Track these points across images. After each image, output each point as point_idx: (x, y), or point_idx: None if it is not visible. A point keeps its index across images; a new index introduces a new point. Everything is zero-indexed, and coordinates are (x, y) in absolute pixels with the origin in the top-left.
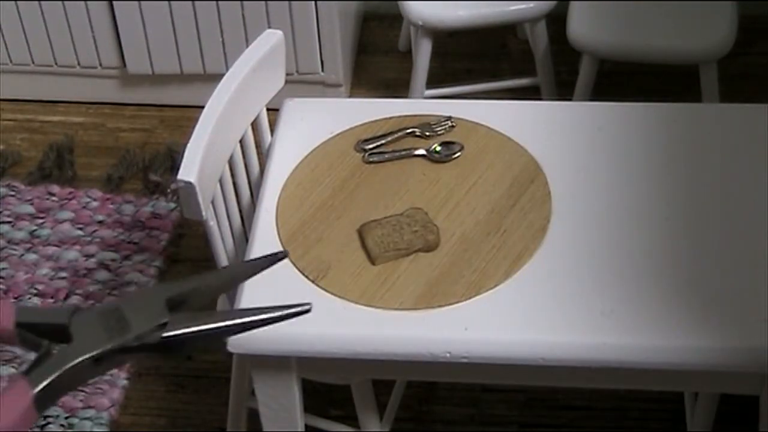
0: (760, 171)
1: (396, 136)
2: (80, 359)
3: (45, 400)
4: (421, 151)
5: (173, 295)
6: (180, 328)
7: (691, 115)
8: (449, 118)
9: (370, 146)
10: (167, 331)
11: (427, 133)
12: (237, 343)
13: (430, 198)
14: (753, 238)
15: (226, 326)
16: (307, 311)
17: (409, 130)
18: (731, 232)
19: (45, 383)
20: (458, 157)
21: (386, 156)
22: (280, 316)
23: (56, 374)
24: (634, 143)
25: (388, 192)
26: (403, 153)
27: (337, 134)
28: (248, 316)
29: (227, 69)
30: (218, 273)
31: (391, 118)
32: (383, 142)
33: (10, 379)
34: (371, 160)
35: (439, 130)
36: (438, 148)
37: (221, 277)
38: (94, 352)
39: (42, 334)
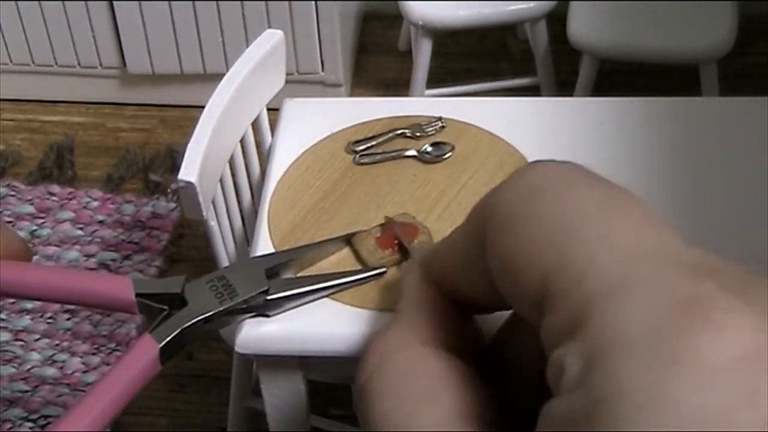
0: (761, 165)
1: (387, 137)
2: (196, 319)
3: (167, 354)
4: (412, 152)
5: (269, 266)
6: (280, 292)
7: (692, 110)
8: (440, 118)
9: (361, 148)
10: (269, 295)
11: (418, 134)
12: (243, 343)
13: (421, 199)
14: (754, 233)
15: (318, 288)
16: (383, 273)
17: (399, 131)
18: (732, 227)
19: (168, 339)
20: (449, 157)
21: (377, 157)
22: (361, 278)
23: (177, 331)
24: (632, 139)
25: (379, 193)
26: (394, 154)
27: (328, 136)
28: (335, 279)
29: (227, 69)
30: (305, 249)
31: (382, 119)
32: (374, 143)
33: (138, 337)
34: (362, 161)
35: (430, 131)
36: (429, 149)
37: (307, 253)
38: (208, 314)
39: (160, 301)
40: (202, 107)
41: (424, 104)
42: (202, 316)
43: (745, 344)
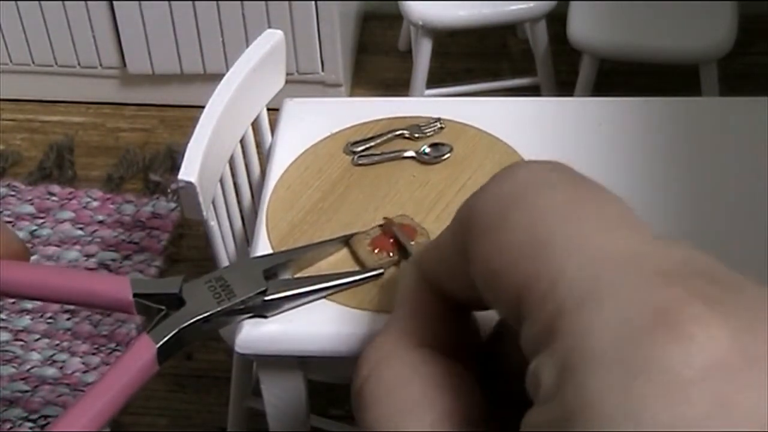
0: (761, 165)
1: (385, 138)
2: (194, 319)
3: (164, 354)
4: (411, 153)
5: (267, 267)
6: (278, 293)
7: (692, 110)
8: (438, 119)
9: (360, 148)
10: (267, 296)
11: (416, 135)
12: (243, 343)
13: (420, 200)
14: (754, 233)
15: (316, 289)
16: (380, 275)
17: (398, 132)
18: (732, 227)
19: (165, 339)
20: (447, 158)
21: (375, 158)
22: (359, 279)
23: (174, 331)
24: (632, 139)
25: (378, 194)
26: (393, 155)
27: (327, 137)
28: (333, 280)
29: (227, 69)
30: (303, 250)
31: (381, 120)
32: (372, 144)
33: (136, 337)
34: (360, 162)
35: (428, 132)
36: (427, 150)
37: (306, 254)
38: (206, 314)
39: (157, 302)
40: (202, 107)
41: (423, 105)
42: (200, 317)
43: (716, 355)
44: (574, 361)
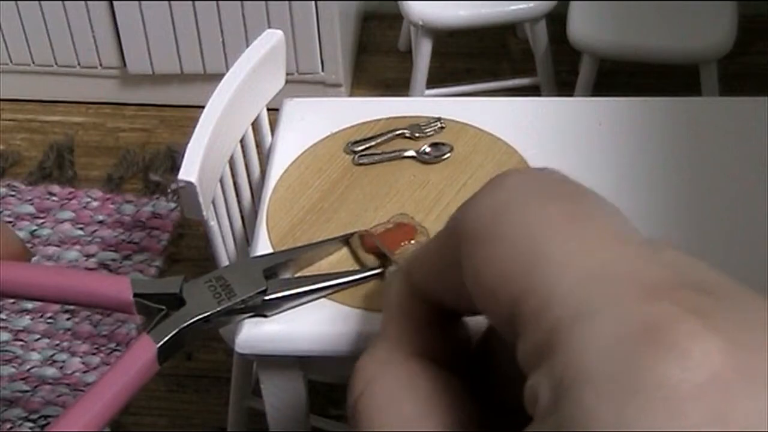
0: (761, 165)
1: (386, 137)
2: (194, 319)
3: (165, 353)
4: (411, 153)
5: (267, 267)
6: (278, 292)
7: (692, 110)
8: (439, 119)
9: (360, 148)
10: (267, 295)
11: (417, 135)
12: (243, 343)
13: (420, 199)
14: (754, 233)
15: (316, 288)
16: (379, 275)
17: (398, 132)
18: (732, 227)
19: (166, 339)
20: (448, 158)
21: (376, 158)
22: (359, 279)
23: (175, 331)
24: (632, 139)
25: (378, 194)
26: (393, 155)
27: (327, 137)
28: (333, 279)
29: (227, 69)
30: (303, 249)
31: (381, 119)
32: (373, 144)
33: (136, 337)
34: (361, 162)
35: (429, 131)
36: (427, 150)
37: (306, 253)
38: (206, 313)
39: (158, 302)
40: (202, 107)
41: (424, 104)
42: (200, 316)
43: (710, 370)
44: (570, 377)
